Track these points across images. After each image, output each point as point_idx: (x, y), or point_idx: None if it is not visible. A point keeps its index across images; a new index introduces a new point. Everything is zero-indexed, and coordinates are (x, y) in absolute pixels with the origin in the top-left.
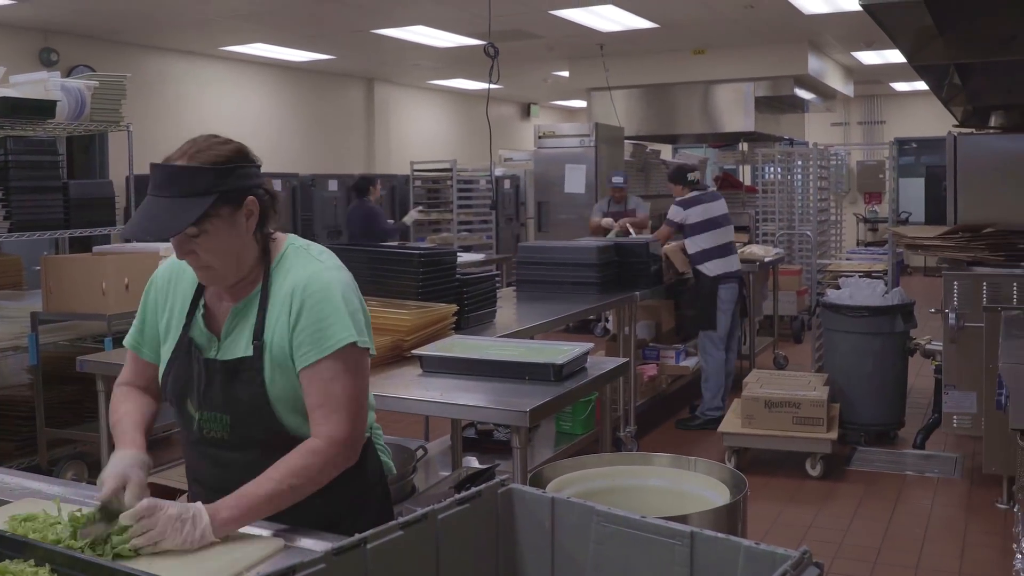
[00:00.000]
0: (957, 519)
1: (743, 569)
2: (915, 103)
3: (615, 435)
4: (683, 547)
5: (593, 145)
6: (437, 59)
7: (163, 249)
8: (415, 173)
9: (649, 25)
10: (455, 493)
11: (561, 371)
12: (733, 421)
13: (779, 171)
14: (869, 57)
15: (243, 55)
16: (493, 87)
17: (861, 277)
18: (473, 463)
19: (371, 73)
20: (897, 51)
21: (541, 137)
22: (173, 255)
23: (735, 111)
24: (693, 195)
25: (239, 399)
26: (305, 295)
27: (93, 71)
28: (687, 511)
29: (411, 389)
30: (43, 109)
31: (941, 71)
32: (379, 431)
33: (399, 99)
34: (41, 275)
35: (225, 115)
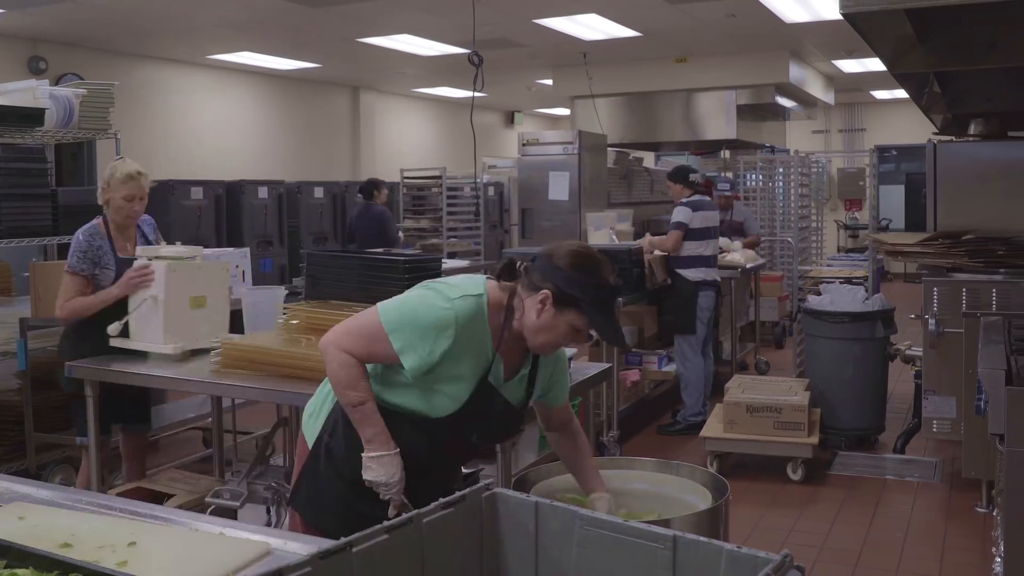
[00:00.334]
0: (937, 523)
1: (725, 572)
2: (895, 111)
3: (599, 439)
4: (665, 551)
5: (576, 153)
6: (422, 67)
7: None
8: (404, 180)
9: (632, 34)
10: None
11: None
12: (715, 426)
13: (761, 178)
14: (850, 65)
15: (230, 63)
16: (477, 95)
17: (842, 283)
18: None
19: (357, 81)
20: (877, 59)
21: (525, 145)
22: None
23: (717, 119)
24: (697, 199)
25: (498, 431)
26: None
27: (81, 79)
28: (670, 515)
29: None
30: (32, 117)
31: (921, 79)
32: None
33: (384, 107)
34: (30, 281)
35: (212, 123)
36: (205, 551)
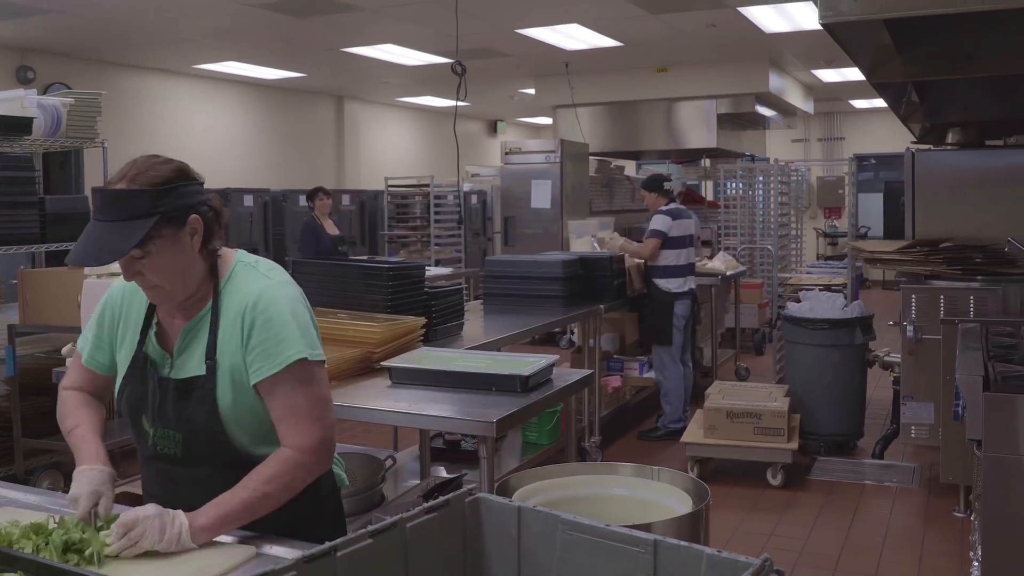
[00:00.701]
0: (915, 527)
1: None
2: (874, 120)
3: (580, 445)
4: (647, 555)
5: (558, 161)
6: (406, 77)
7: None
8: (389, 189)
9: (613, 44)
10: (423, 502)
11: (527, 382)
12: (696, 431)
13: (741, 186)
14: (829, 75)
15: (216, 73)
16: (461, 104)
17: (821, 290)
18: (441, 472)
19: (341, 90)
20: (856, 69)
21: (508, 153)
22: None
23: (697, 128)
24: (674, 208)
25: (192, 417)
26: (256, 312)
27: (69, 88)
28: (651, 520)
29: (380, 400)
30: (20, 125)
31: (899, 89)
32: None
33: (369, 116)
34: (18, 288)
35: (198, 131)
36: (193, 555)
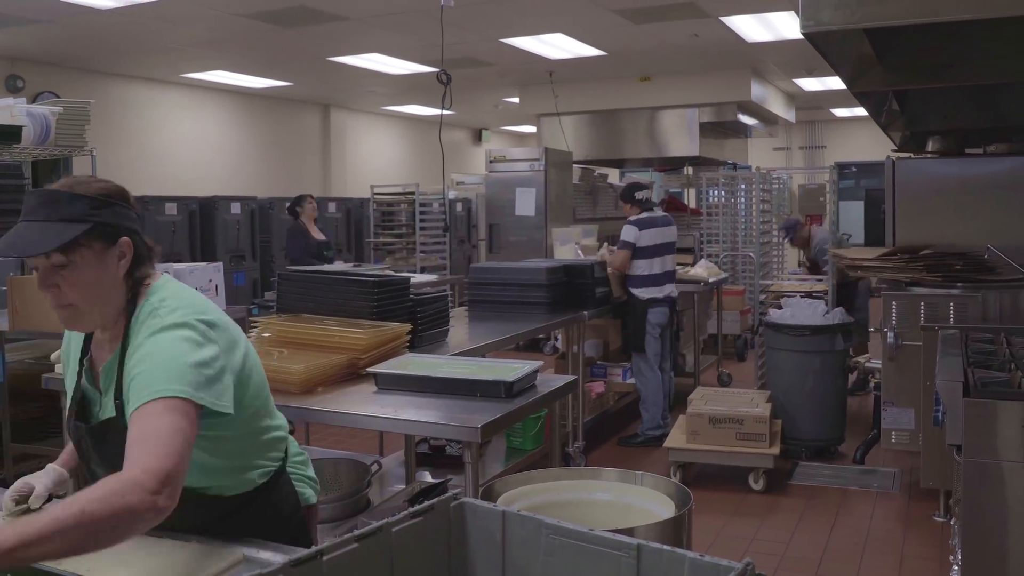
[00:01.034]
0: (896, 532)
1: None
2: (855, 128)
3: (564, 450)
4: (630, 559)
5: (543, 169)
6: (391, 86)
7: None
8: (375, 196)
9: (596, 53)
10: (409, 507)
11: (511, 388)
12: (678, 437)
13: (723, 194)
14: (810, 84)
15: (203, 82)
16: (446, 113)
17: (802, 297)
18: (426, 478)
19: (327, 99)
20: (837, 78)
21: (492, 161)
22: None
23: (680, 136)
24: (647, 216)
25: (112, 461)
26: (139, 353)
27: (58, 97)
28: (634, 524)
29: (366, 406)
30: (9, 134)
31: (880, 97)
32: (303, 460)
33: (354, 124)
34: (7, 295)
35: (185, 140)
36: (180, 559)
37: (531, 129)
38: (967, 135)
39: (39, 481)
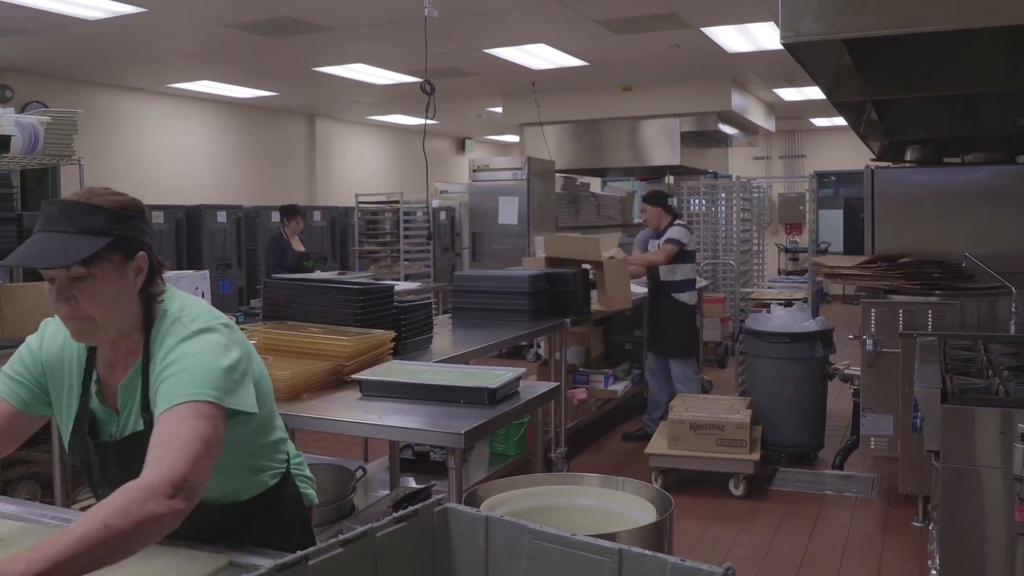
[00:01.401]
0: (874, 537)
1: None
2: (834, 138)
3: (546, 456)
4: (612, 564)
5: (525, 178)
6: (376, 95)
7: None
8: (359, 205)
9: (579, 63)
10: (393, 512)
11: (495, 395)
12: (659, 443)
13: (704, 203)
14: (790, 94)
15: (190, 92)
16: (429, 122)
17: (781, 305)
18: (410, 483)
19: (312, 109)
20: (817, 88)
21: (476, 170)
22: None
23: (661, 145)
24: (687, 222)
25: (136, 474)
26: (167, 360)
27: (46, 107)
28: (615, 529)
29: (351, 412)
30: None
31: (859, 107)
32: (300, 461)
33: (339, 134)
34: None
35: (172, 149)
36: (168, 563)
37: (514, 138)
38: (945, 144)
39: None
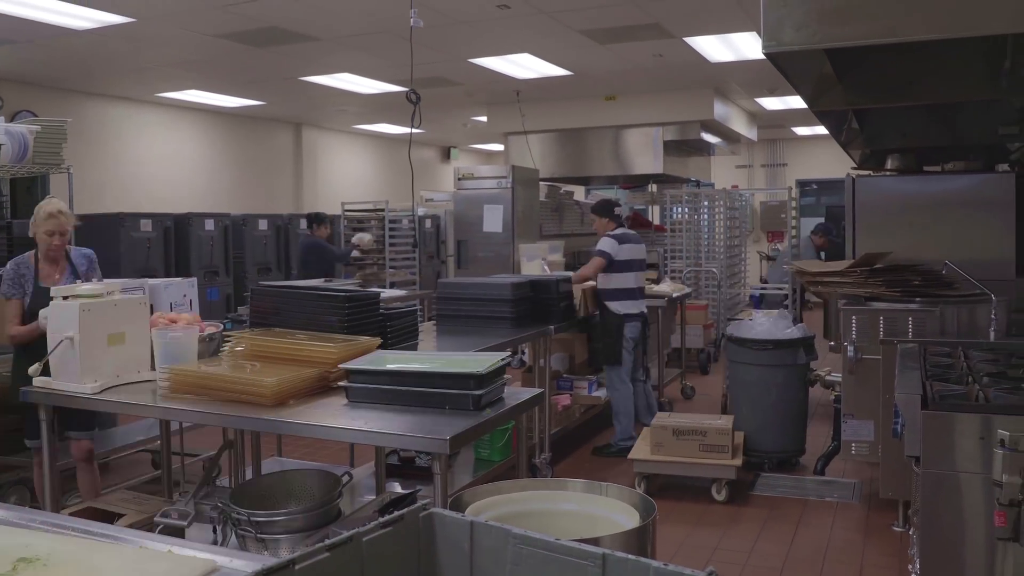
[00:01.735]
0: (855, 541)
1: None
2: (815, 146)
3: (531, 462)
4: (595, 568)
5: (510, 186)
6: (362, 105)
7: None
8: (346, 213)
9: (563, 73)
10: (379, 516)
11: (480, 401)
12: (643, 448)
13: (686, 211)
14: (772, 103)
15: (178, 101)
16: (415, 131)
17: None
18: (396, 488)
19: (299, 118)
20: (798, 97)
21: (461, 179)
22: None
23: (645, 154)
24: (622, 232)
25: None
26: None
27: (36, 116)
28: (599, 534)
29: (337, 418)
30: None
31: (840, 116)
32: None
33: (326, 142)
34: None
35: (160, 158)
36: (154, 568)
37: (499, 147)
38: (925, 153)
39: None
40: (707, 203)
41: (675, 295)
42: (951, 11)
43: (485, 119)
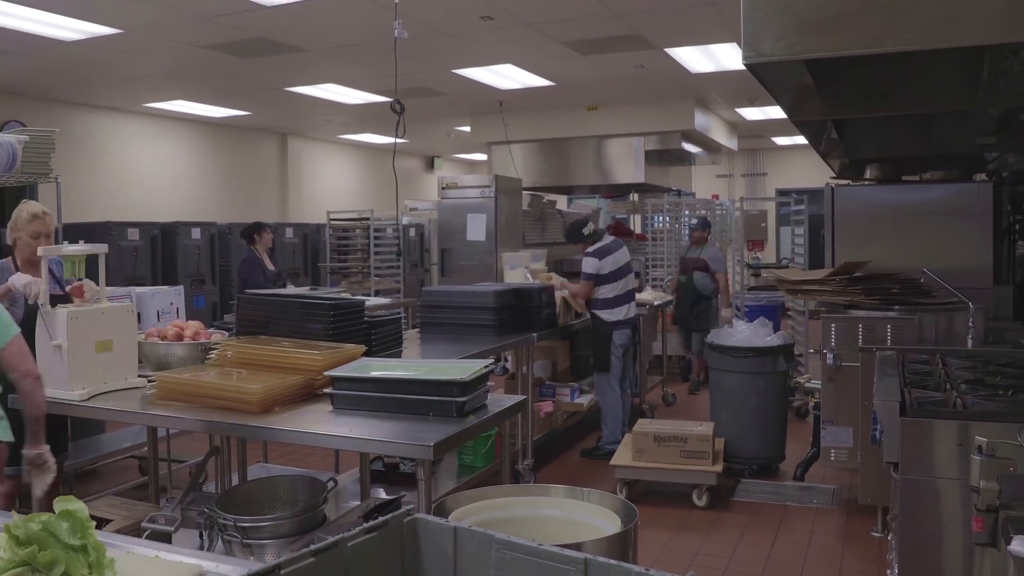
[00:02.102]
0: (835, 547)
1: None
2: (795, 156)
3: (514, 468)
4: (577, 573)
5: (493, 196)
6: (347, 115)
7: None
8: (331, 222)
9: (545, 83)
10: (364, 522)
11: (463, 408)
12: (624, 454)
13: (667, 220)
14: (752, 113)
15: (164, 111)
16: (399, 141)
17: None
18: (380, 494)
19: (285, 128)
20: (778, 107)
21: (444, 188)
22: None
23: (626, 164)
24: (601, 246)
25: None
26: None
27: (24, 126)
28: (581, 539)
29: (323, 425)
30: None
31: (819, 126)
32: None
33: (311, 152)
34: None
35: (147, 167)
36: (142, 573)
37: (482, 157)
38: (904, 163)
39: None
40: (688, 212)
41: (656, 303)
42: (929, 23)
43: (468, 129)
